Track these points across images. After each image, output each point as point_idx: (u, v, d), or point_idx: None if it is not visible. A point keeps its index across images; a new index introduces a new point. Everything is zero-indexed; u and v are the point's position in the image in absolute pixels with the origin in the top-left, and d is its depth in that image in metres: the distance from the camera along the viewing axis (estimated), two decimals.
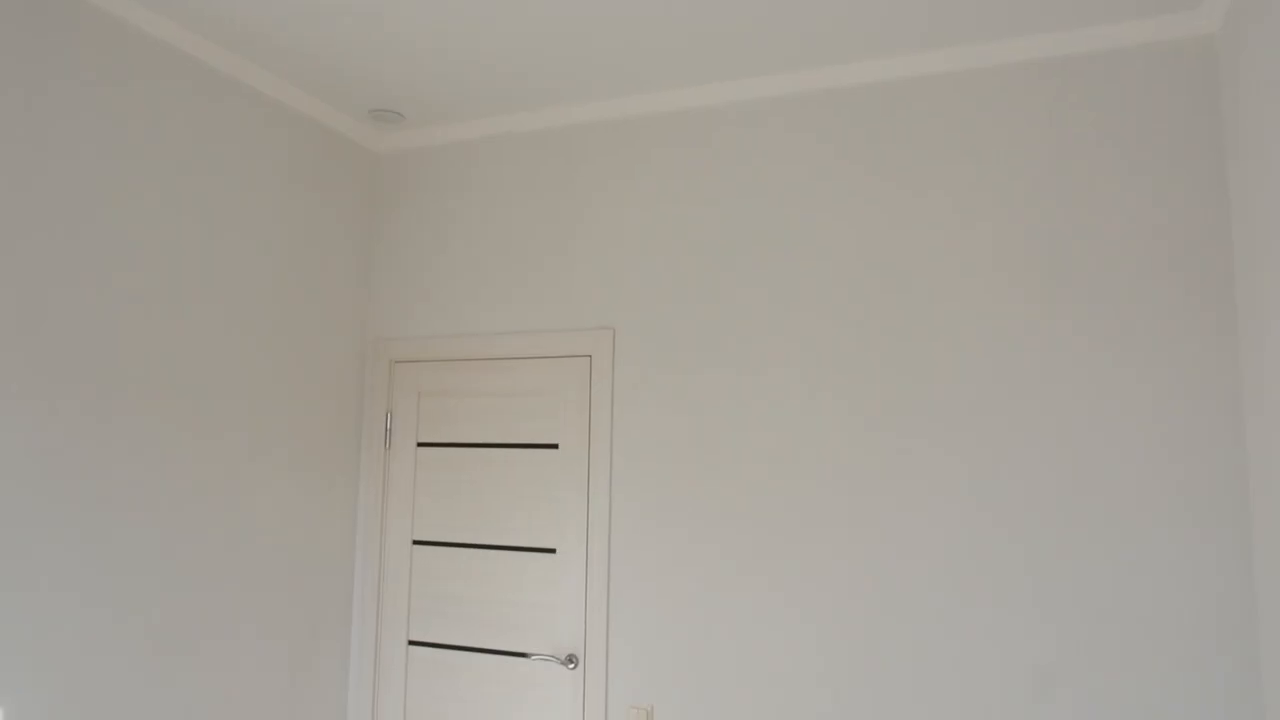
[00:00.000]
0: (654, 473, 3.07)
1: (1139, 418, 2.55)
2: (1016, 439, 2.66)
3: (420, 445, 3.46)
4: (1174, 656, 2.45)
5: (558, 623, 3.15)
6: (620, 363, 3.17)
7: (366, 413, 3.56)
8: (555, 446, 3.24)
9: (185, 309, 2.83)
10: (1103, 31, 2.68)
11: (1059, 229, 2.69)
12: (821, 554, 2.84)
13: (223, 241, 2.97)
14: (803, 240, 2.98)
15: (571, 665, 3.10)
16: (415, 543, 3.42)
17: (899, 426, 2.79)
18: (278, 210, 3.19)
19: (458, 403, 3.41)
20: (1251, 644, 2.39)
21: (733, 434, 2.99)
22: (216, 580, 2.90)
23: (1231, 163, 2.48)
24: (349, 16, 2.70)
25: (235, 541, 2.98)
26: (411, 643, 3.37)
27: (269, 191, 3.16)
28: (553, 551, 3.20)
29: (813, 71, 2.98)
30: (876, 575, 2.77)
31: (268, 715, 3.08)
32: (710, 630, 2.94)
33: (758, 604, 2.89)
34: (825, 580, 2.82)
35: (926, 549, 2.72)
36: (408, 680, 3.35)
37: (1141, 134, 2.64)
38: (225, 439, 2.95)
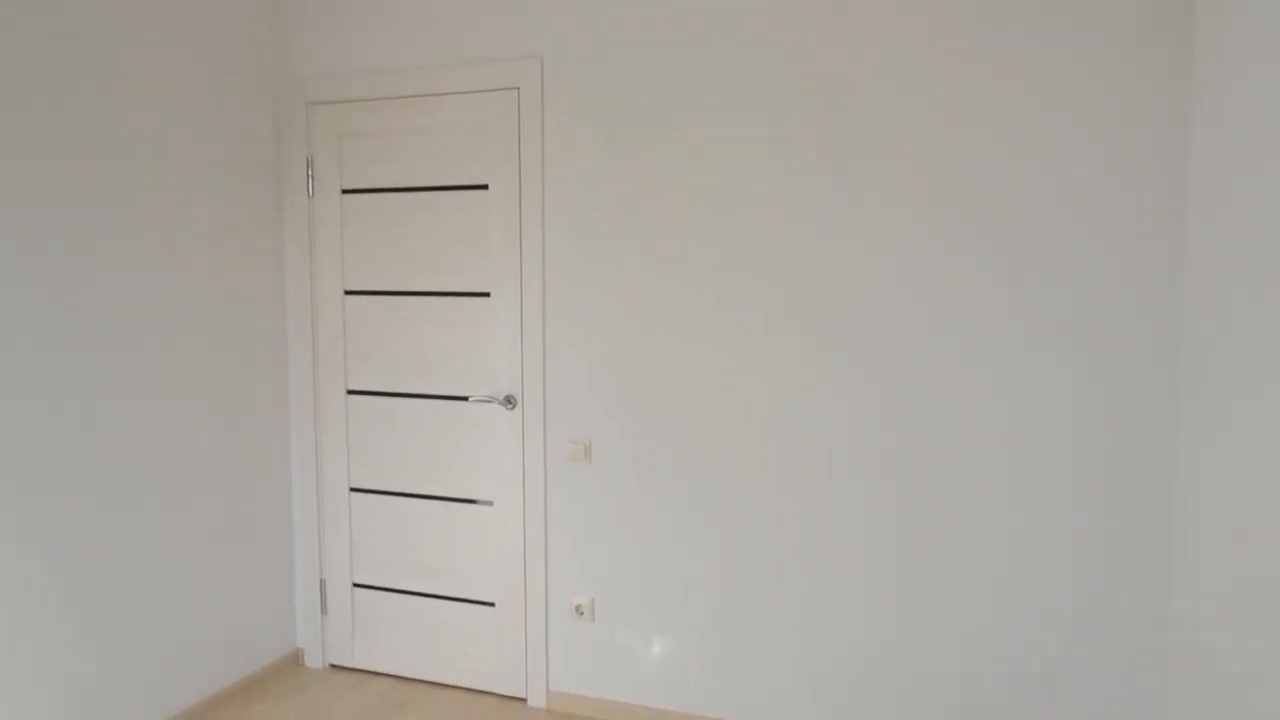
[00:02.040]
0: (588, 213, 2.97)
1: (1088, 120, 2.47)
2: (960, 156, 2.58)
3: (345, 192, 3.30)
4: (1098, 343, 2.50)
5: (495, 366, 3.14)
6: (550, 95, 2.99)
7: (285, 159, 3.36)
8: (485, 188, 3.10)
9: (86, 45, 2.56)
10: None
11: None
12: (757, 287, 2.80)
13: None
14: None
15: (510, 406, 3.11)
16: (347, 293, 3.33)
17: (842, 160, 2.68)
18: None
19: (381, 145, 3.22)
20: (1175, 322, 2.44)
21: (672, 171, 2.86)
22: (140, 328, 2.81)
23: None
24: None
25: (154, 290, 2.86)
26: (350, 392, 3.36)
27: None
28: (487, 295, 3.13)
29: None
30: (808, 305, 2.75)
31: (215, 464, 3.09)
32: (646, 366, 2.94)
33: (693, 340, 2.88)
34: (761, 312, 2.80)
35: (864, 275, 2.69)
36: (349, 427, 3.36)
37: None
38: (130, 184, 2.77)
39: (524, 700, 3.20)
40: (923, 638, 2.71)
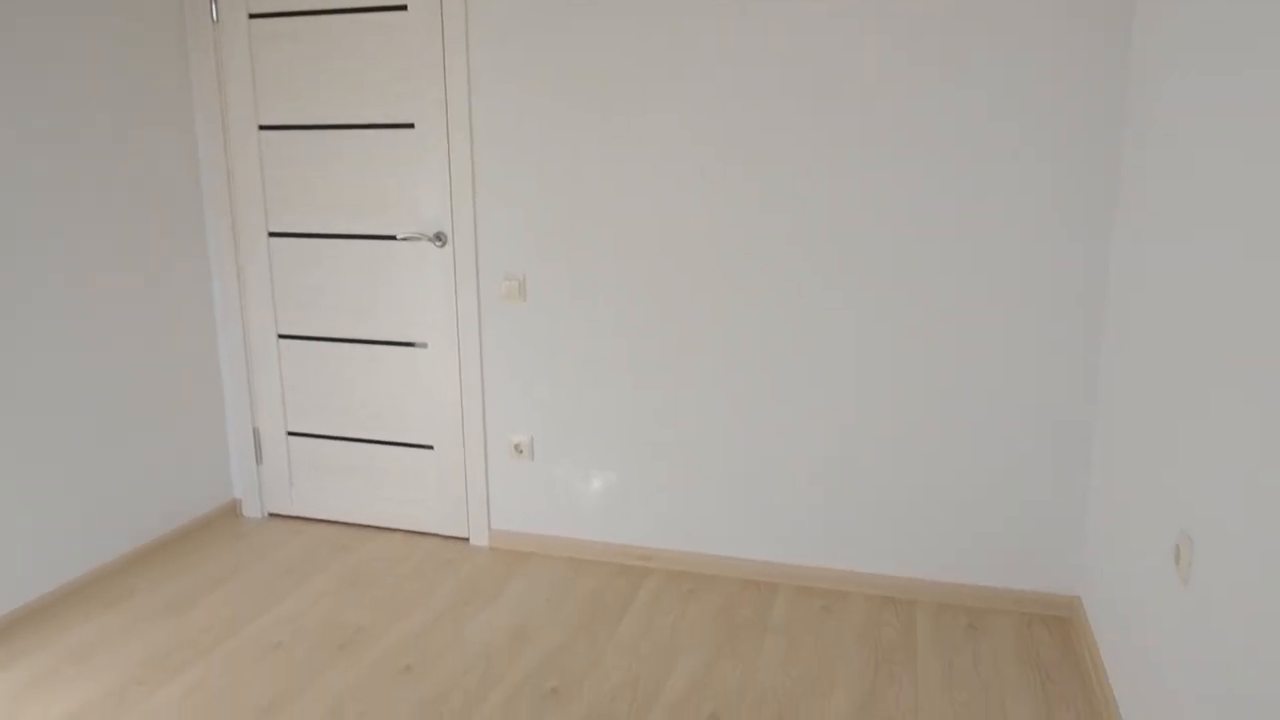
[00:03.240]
0: (515, 32, 2.79)
1: None
2: None
3: (253, 17, 3.05)
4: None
5: (423, 202, 3.00)
6: None
7: None
8: (404, 8, 2.89)
9: None
10: None
11: None
12: (692, 110, 2.68)
13: None
14: None
15: (440, 243, 3.00)
16: (262, 128, 3.13)
17: None
18: None
19: None
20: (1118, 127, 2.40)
21: None
22: (42, 175, 2.61)
23: None
24: None
25: (55, 136, 2.65)
26: (272, 234, 3.20)
27: None
28: (411, 127, 2.97)
29: None
30: (739, 123, 2.64)
31: (134, 314, 2.94)
32: (581, 197, 2.83)
33: (628, 167, 2.77)
34: (695, 142, 2.69)
35: (793, 85, 2.58)
36: (273, 271, 3.22)
37: None
38: (16, 23, 2.53)
39: (466, 540, 3.21)
40: (874, 458, 2.75)
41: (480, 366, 3.04)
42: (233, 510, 3.47)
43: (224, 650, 2.53)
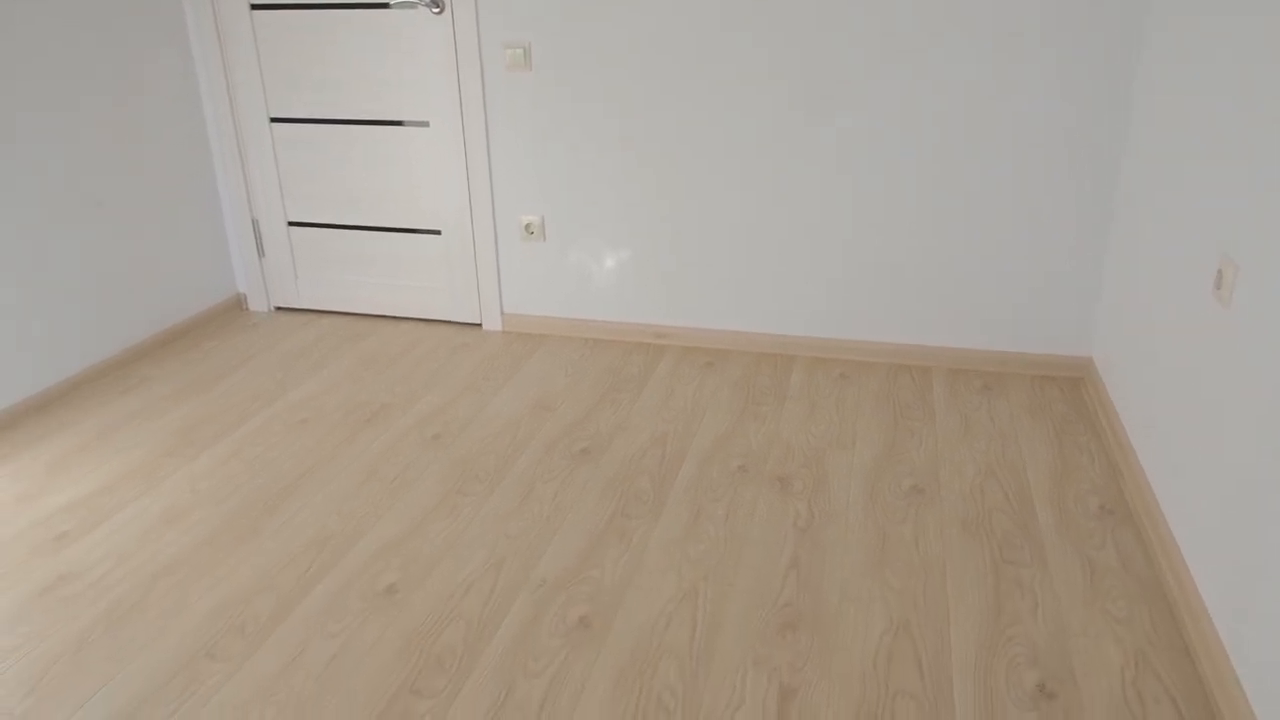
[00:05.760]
0: None
1: None
2: None
3: None
4: None
5: None
6: None
7: None
8: None
9: None
10: None
11: None
12: None
13: None
14: None
15: (437, 9, 2.81)
16: None
17: None
18: None
19: None
20: None
21: None
22: None
23: None
24: None
25: None
26: (254, 6, 2.99)
27: None
28: None
29: None
30: None
31: (113, 101, 2.78)
32: None
33: None
34: None
35: None
36: (259, 47, 3.03)
37: None
38: None
39: (479, 326, 3.20)
40: (886, 228, 2.71)
41: (486, 144, 2.92)
42: (238, 304, 3.42)
43: (250, 426, 2.55)
